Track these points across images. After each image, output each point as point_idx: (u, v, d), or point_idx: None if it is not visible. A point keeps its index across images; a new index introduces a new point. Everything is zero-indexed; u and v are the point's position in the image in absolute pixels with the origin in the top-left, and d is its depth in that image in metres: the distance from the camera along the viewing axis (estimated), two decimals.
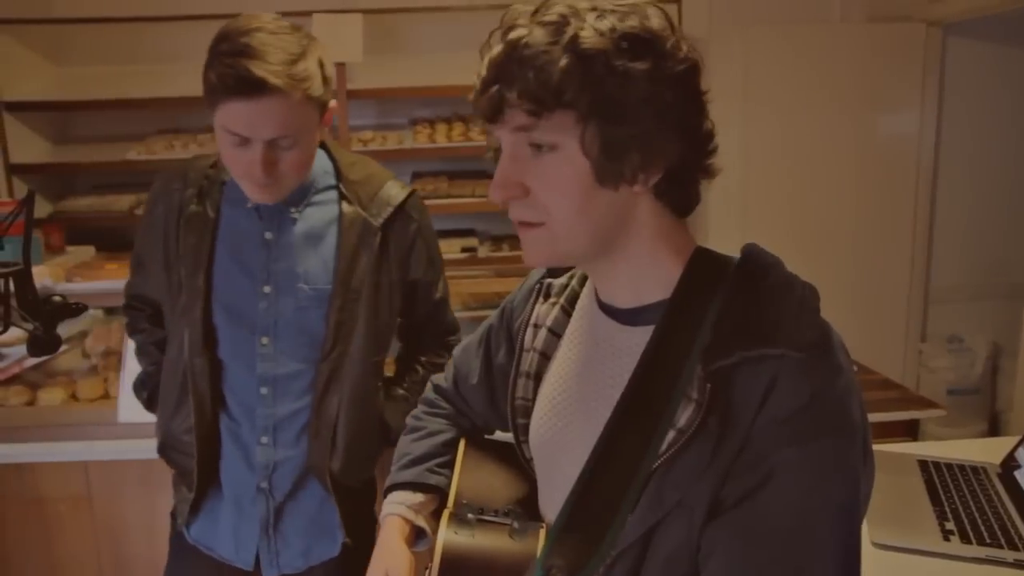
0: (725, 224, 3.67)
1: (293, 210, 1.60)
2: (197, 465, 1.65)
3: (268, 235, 1.59)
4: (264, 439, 1.64)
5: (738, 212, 3.91)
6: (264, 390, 1.62)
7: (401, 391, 1.81)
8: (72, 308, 0.96)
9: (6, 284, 0.83)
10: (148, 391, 1.83)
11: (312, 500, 1.69)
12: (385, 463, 1.65)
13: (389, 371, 1.85)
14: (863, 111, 3.99)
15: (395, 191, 1.68)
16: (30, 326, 0.88)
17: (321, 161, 1.64)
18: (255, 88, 1.38)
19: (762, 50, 3.93)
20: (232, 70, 1.37)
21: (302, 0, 3.63)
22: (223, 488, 1.69)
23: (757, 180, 3.93)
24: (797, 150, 3.99)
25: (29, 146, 3.70)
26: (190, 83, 1.44)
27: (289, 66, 1.40)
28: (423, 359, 1.85)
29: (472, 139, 3.71)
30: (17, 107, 3.56)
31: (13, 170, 3.60)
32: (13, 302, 1.15)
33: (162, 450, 1.74)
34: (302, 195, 1.61)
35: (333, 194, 1.64)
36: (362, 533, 1.71)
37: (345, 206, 1.62)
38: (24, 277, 0.85)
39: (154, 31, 3.60)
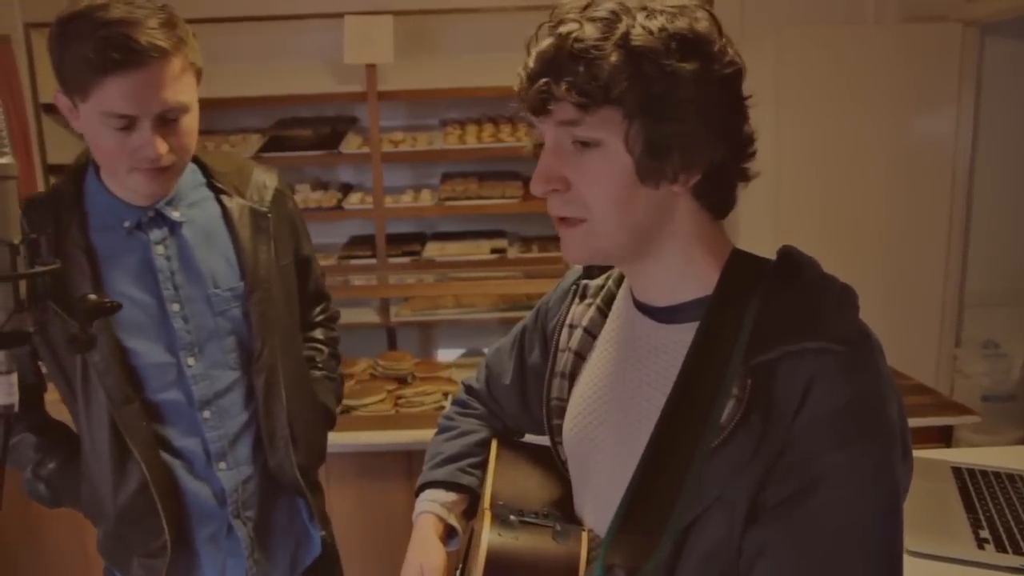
0: (757, 227, 3.64)
1: (176, 214, 1.48)
2: (166, 520, 1.49)
3: (159, 248, 1.47)
4: (222, 464, 1.54)
5: (770, 215, 3.88)
6: (206, 414, 1.52)
7: (319, 372, 1.77)
8: (107, 306, 0.97)
9: (44, 282, 0.84)
10: (48, 485, 1.56)
11: (283, 507, 1.65)
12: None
13: None
14: (897, 113, 3.94)
15: (265, 175, 1.62)
16: (66, 324, 0.89)
17: None
18: (143, 55, 1.26)
19: (794, 52, 3.90)
20: (111, 42, 1.24)
21: (333, 2, 3.66)
22: (195, 532, 1.56)
23: (789, 183, 3.89)
24: (830, 153, 3.95)
25: (66, 147, 3.75)
26: (220, 85, 1.43)
27: (168, 29, 1.29)
28: (322, 337, 1.82)
29: (502, 140, 3.71)
30: (53, 109, 3.58)
31: (51, 170, 3.66)
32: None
33: (116, 531, 1.54)
34: (179, 196, 1.49)
35: (206, 191, 1.55)
36: (327, 522, 1.74)
37: (225, 199, 1.54)
38: (60, 276, 0.85)
39: None
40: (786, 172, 3.87)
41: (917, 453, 1.96)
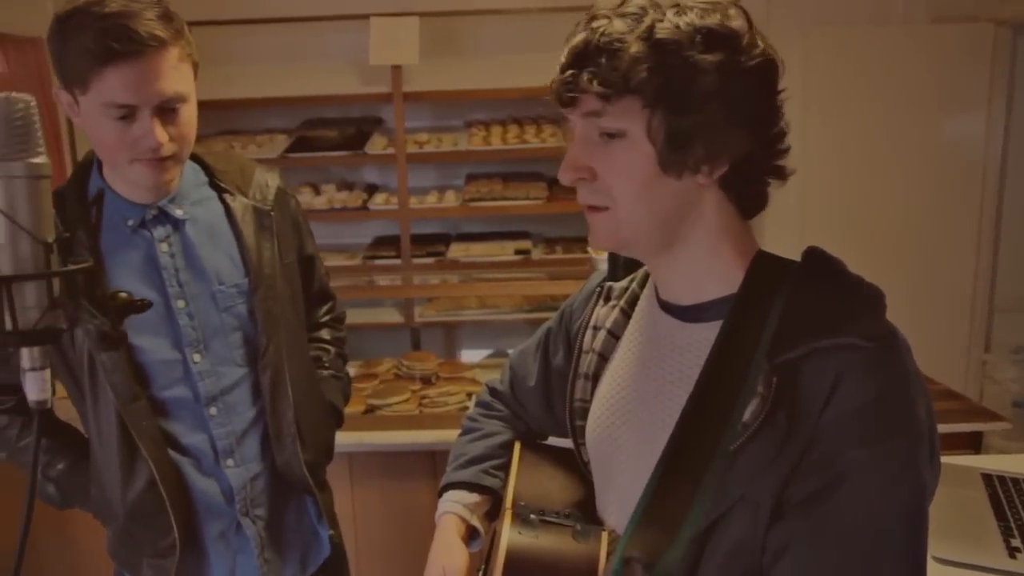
0: (783, 229, 3.60)
1: (179, 212, 1.49)
2: (175, 518, 1.49)
3: (164, 246, 1.48)
4: (229, 461, 1.55)
5: (796, 217, 3.85)
6: (213, 410, 1.52)
7: (326, 371, 1.78)
8: (137, 304, 0.98)
9: (77, 280, 0.85)
10: (58, 486, 1.58)
11: (293, 506, 1.65)
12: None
13: None
14: (927, 114, 3.90)
15: (267, 174, 1.64)
16: (97, 321, 0.90)
17: (186, 163, 1.53)
18: (142, 45, 1.28)
19: (822, 52, 3.87)
20: (110, 33, 1.26)
21: (359, 3, 3.68)
22: (204, 531, 1.56)
23: (816, 185, 3.86)
24: (857, 155, 3.91)
25: None
26: (248, 85, 1.44)
27: (166, 21, 1.31)
28: (328, 337, 1.83)
29: (527, 142, 3.70)
30: None
31: None
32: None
33: (126, 529, 1.54)
34: (181, 195, 1.51)
35: (208, 190, 1.56)
36: (335, 523, 1.73)
37: (228, 198, 1.55)
38: (93, 273, 0.86)
39: (213, 35, 3.66)
40: (813, 174, 3.84)
41: (946, 459, 1.93)
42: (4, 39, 3.08)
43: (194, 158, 1.55)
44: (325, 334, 1.83)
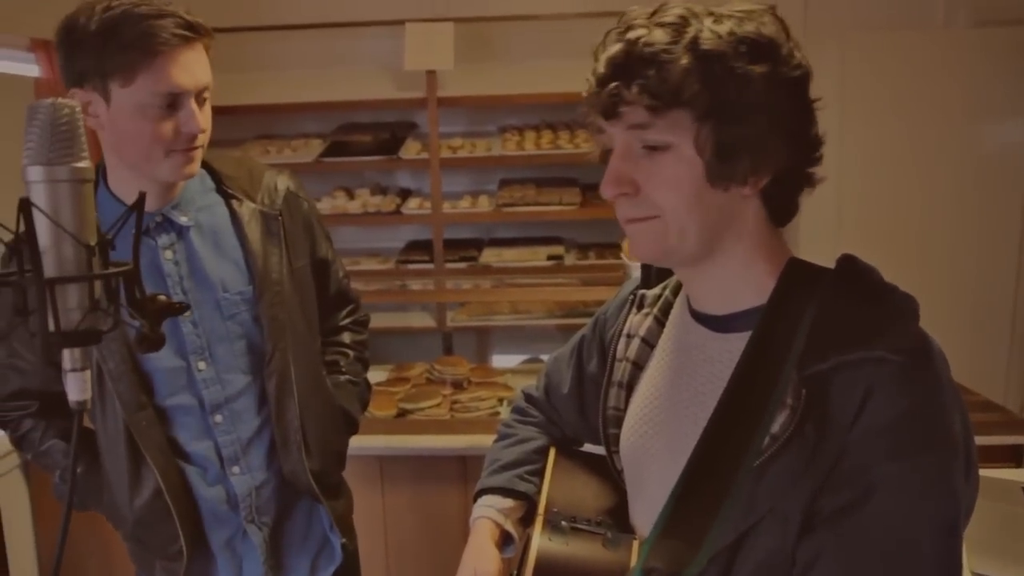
0: (818, 236, 3.57)
1: (184, 219, 1.49)
2: (181, 526, 1.51)
3: (168, 254, 1.49)
4: (235, 469, 1.55)
5: (831, 225, 3.80)
6: (218, 418, 1.53)
7: (343, 376, 1.75)
8: (176, 307, 0.99)
9: (118, 283, 0.87)
10: (75, 490, 1.59)
11: (302, 514, 1.65)
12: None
13: None
14: (968, 121, 3.83)
15: (277, 177, 1.63)
16: (137, 324, 0.91)
17: None
18: (194, 32, 1.33)
19: (859, 57, 3.82)
20: (165, 22, 1.30)
21: (395, 9, 3.70)
22: (210, 538, 1.58)
23: (852, 192, 3.81)
24: (896, 162, 3.86)
25: None
26: (284, 90, 1.45)
27: (191, 16, 1.35)
28: (348, 341, 1.80)
29: (560, 147, 3.70)
30: None
31: None
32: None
33: (134, 533, 1.57)
34: (186, 203, 1.51)
35: (215, 195, 1.55)
36: (350, 530, 1.71)
37: (235, 204, 1.54)
38: (133, 277, 0.88)
39: (250, 40, 3.71)
40: (849, 181, 3.79)
41: (985, 472, 1.90)
42: (48, 45, 3.14)
43: (202, 164, 1.53)
44: (345, 337, 1.81)
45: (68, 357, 0.87)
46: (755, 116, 0.86)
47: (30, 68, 3.13)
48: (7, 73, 3.13)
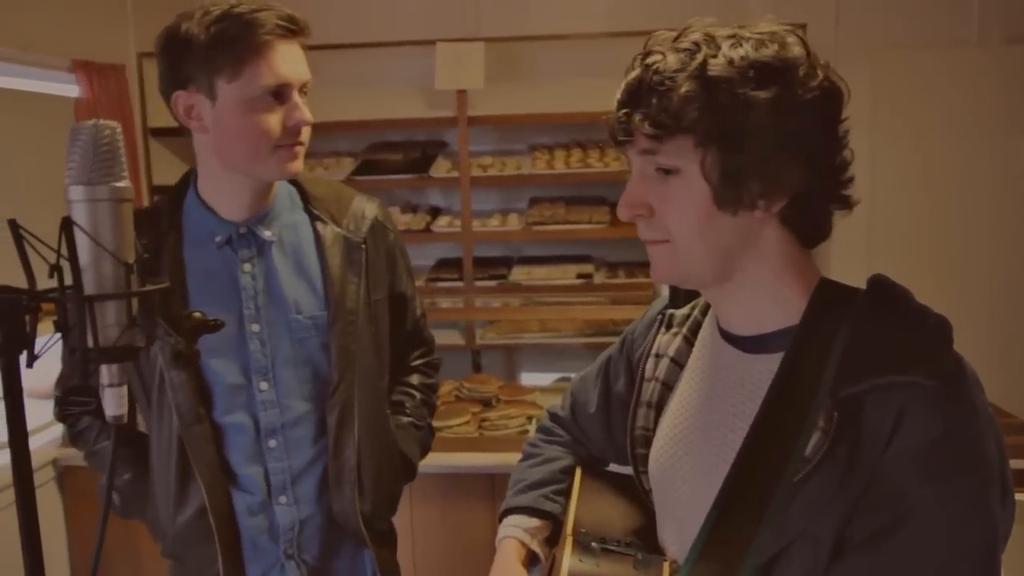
0: (849, 258, 3.53)
1: (268, 234, 1.47)
2: (221, 550, 1.47)
3: (247, 267, 1.46)
4: (282, 498, 1.50)
5: (862, 246, 3.76)
6: (272, 443, 1.48)
7: (406, 419, 1.68)
8: (210, 324, 1.01)
9: (155, 300, 0.89)
10: (120, 496, 1.59)
11: (345, 557, 1.58)
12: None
13: None
14: (1003, 140, 3.78)
15: (366, 204, 1.59)
16: (172, 340, 0.93)
17: (281, 183, 1.54)
18: (299, 26, 1.37)
19: (892, 75, 3.79)
20: (260, 15, 1.33)
21: (426, 29, 3.75)
22: (247, 568, 1.53)
23: (883, 213, 3.77)
24: (929, 181, 3.81)
25: (170, 169, 3.92)
26: (316, 109, 1.45)
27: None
28: (416, 383, 1.74)
29: (590, 166, 3.71)
30: (160, 133, 3.78)
31: (156, 191, 3.82)
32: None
33: (173, 549, 1.55)
34: (273, 216, 1.49)
35: (303, 216, 1.53)
36: None
37: (319, 226, 1.51)
38: (169, 293, 0.90)
39: None
40: (880, 202, 3.75)
41: (1021, 498, 1.87)
42: (88, 66, 3.21)
43: (292, 181, 1.55)
44: (414, 379, 1.75)
45: (106, 372, 0.88)
46: (760, 141, 0.86)
47: (70, 89, 3.21)
48: (48, 94, 3.21)
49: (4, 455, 2.61)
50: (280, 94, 1.37)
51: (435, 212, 4.03)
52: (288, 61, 1.37)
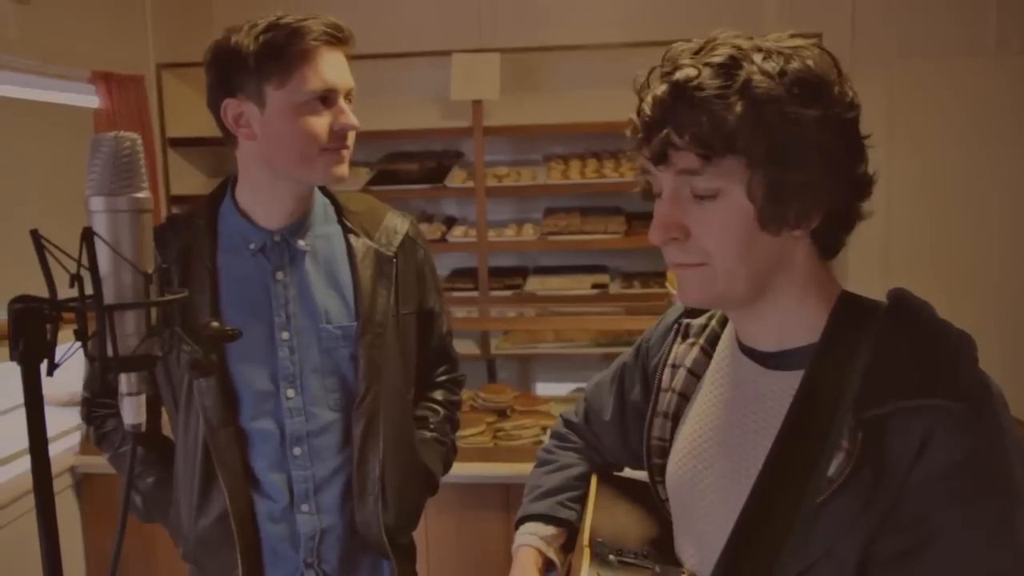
0: (866, 269, 3.52)
1: (302, 243, 1.50)
2: (241, 555, 1.48)
3: (279, 275, 1.49)
4: (304, 507, 1.51)
5: (879, 257, 3.75)
6: (297, 451, 1.49)
7: (429, 434, 1.69)
8: (228, 333, 1.02)
9: (174, 310, 0.89)
10: (143, 499, 1.61)
11: (367, 568, 1.58)
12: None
13: None
14: (1022, 150, 3.76)
15: (398, 220, 1.62)
16: (189, 349, 0.94)
17: (317, 195, 1.56)
18: (344, 34, 1.41)
19: (908, 86, 3.78)
20: (305, 24, 1.37)
21: (442, 40, 3.77)
22: (266, 575, 1.53)
23: (900, 224, 3.75)
24: (945, 192, 3.79)
25: (187, 178, 3.96)
26: None
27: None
28: (440, 398, 1.75)
29: (605, 176, 3.71)
30: (178, 143, 3.80)
31: (173, 200, 3.85)
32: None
33: (193, 553, 1.56)
34: (307, 226, 1.52)
35: (336, 228, 1.56)
36: None
37: (352, 239, 1.54)
38: (188, 303, 0.91)
39: None
40: (897, 212, 3.73)
41: None
42: (108, 77, 3.24)
43: (327, 194, 1.58)
44: (438, 394, 1.76)
45: (124, 381, 0.89)
46: (808, 160, 0.85)
47: (90, 99, 3.24)
48: (68, 104, 3.24)
49: (22, 462, 2.69)
50: (327, 99, 1.41)
51: (450, 222, 4.04)
52: (334, 67, 1.41)
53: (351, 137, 1.45)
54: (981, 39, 3.85)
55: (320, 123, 1.40)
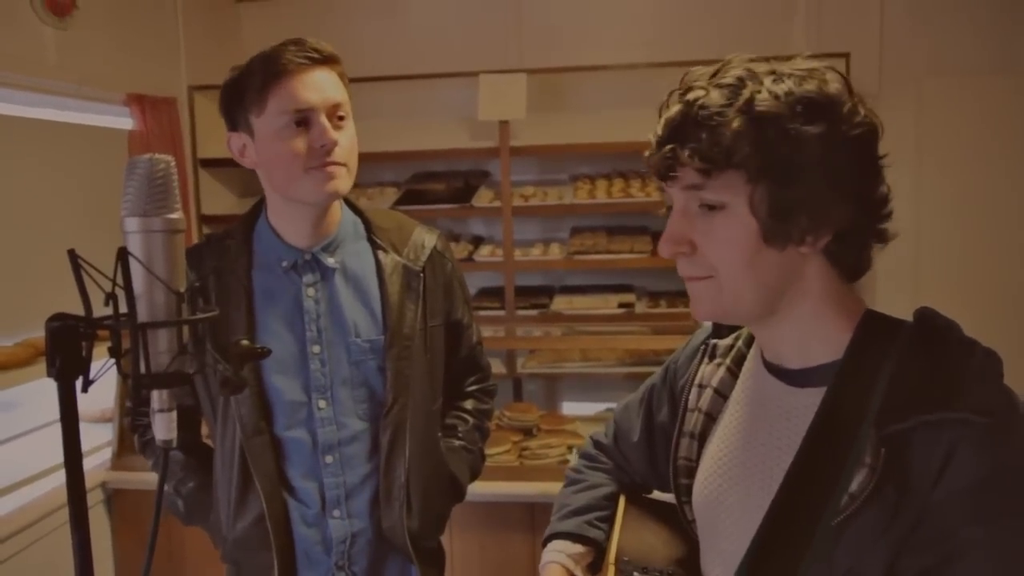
0: (895, 289, 3.49)
1: (331, 260, 1.55)
2: (277, 557, 1.54)
3: (310, 291, 1.55)
4: (336, 512, 1.56)
5: (909, 277, 3.71)
6: (329, 459, 1.55)
7: (458, 442, 1.74)
8: (257, 352, 1.03)
9: (205, 328, 0.91)
10: (185, 503, 1.67)
11: (393, 570, 1.63)
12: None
13: None
14: None
15: (426, 235, 1.66)
16: (220, 367, 0.95)
17: (347, 213, 1.62)
18: (315, 55, 1.43)
19: (937, 104, 3.76)
20: (286, 50, 1.42)
21: (469, 61, 3.80)
22: None
23: (930, 244, 3.72)
24: (975, 212, 3.75)
25: (218, 198, 4.01)
26: (360, 140, 1.51)
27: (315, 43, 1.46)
28: (470, 407, 1.80)
29: (632, 195, 3.72)
30: (209, 163, 3.86)
31: (204, 220, 3.91)
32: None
33: (232, 554, 1.63)
34: (337, 244, 1.57)
35: (365, 244, 1.60)
36: None
37: (381, 255, 1.59)
38: (224, 319, 0.94)
39: None
40: (926, 232, 3.70)
41: None
42: (142, 100, 3.31)
43: (357, 212, 1.63)
44: (468, 404, 1.81)
45: (156, 398, 0.91)
46: (810, 176, 0.86)
47: (124, 121, 3.30)
48: (104, 126, 3.30)
49: (51, 479, 2.74)
50: (306, 119, 1.44)
51: (477, 241, 4.06)
52: (309, 87, 1.43)
53: (339, 152, 1.46)
54: (1010, 57, 3.82)
55: (298, 143, 1.43)
